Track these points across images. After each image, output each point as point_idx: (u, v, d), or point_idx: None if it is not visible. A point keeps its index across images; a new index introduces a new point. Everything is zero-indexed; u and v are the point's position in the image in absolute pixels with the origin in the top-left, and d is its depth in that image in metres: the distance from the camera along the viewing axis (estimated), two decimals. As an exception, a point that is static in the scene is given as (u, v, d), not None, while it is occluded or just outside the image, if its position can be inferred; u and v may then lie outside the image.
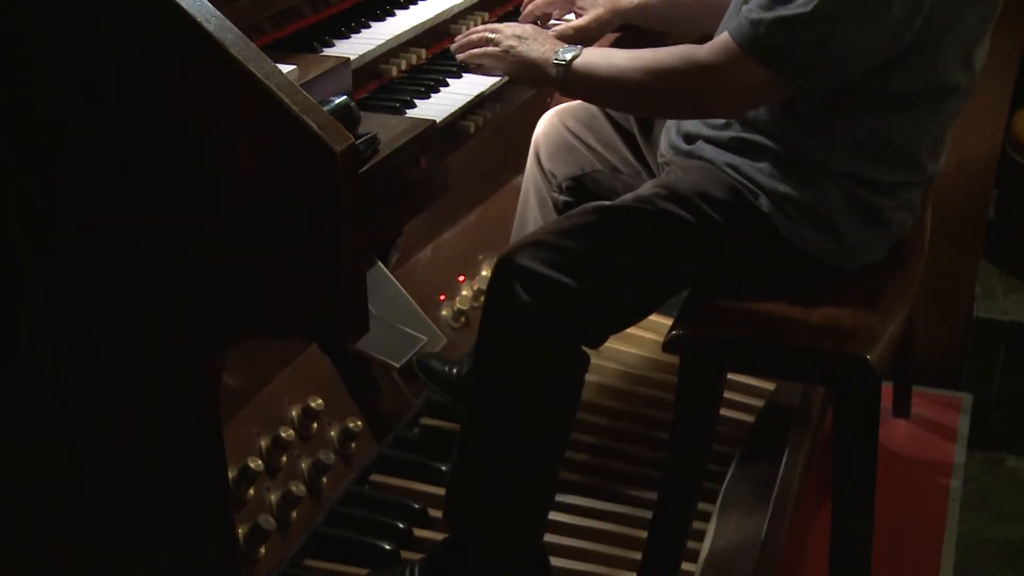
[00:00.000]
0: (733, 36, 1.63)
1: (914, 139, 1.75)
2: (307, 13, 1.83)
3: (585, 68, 1.75)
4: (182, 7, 1.29)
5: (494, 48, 1.82)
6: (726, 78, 1.64)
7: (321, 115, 1.31)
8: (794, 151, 1.74)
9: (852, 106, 1.70)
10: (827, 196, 1.75)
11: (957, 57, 1.69)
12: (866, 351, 1.65)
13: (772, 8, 1.58)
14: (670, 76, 1.69)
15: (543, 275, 1.73)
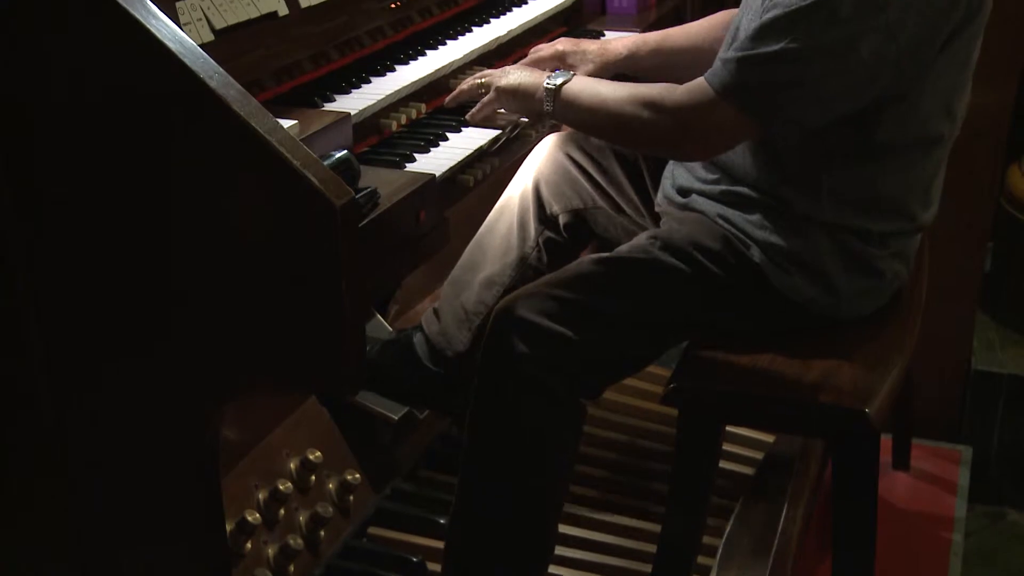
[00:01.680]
0: (706, 77, 1.67)
1: (901, 189, 1.76)
2: (308, 69, 1.85)
3: (573, 94, 1.80)
4: (185, 64, 1.31)
5: (488, 96, 1.88)
6: (698, 117, 1.68)
7: (322, 170, 1.32)
8: (783, 203, 1.76)
9: (837, 158, 1.71)
10: (818, 246, 1.76)
11: (939, 107, 1.71)
12: (865, 404, 1.65)
13: (742, 49, 1.62)
14: (648, 109, 1.73)
15: (540, 326, 1.73)
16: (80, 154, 1.41)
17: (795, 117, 1.65)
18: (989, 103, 2.58)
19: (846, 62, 1.59)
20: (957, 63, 1.69)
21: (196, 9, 1.64)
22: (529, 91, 1.85)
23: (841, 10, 1.56)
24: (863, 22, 1.56)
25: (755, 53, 1.60)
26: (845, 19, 1.56)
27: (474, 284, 2.09)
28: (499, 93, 1.88)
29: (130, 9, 1.31)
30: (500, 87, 1.88)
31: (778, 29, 1.59)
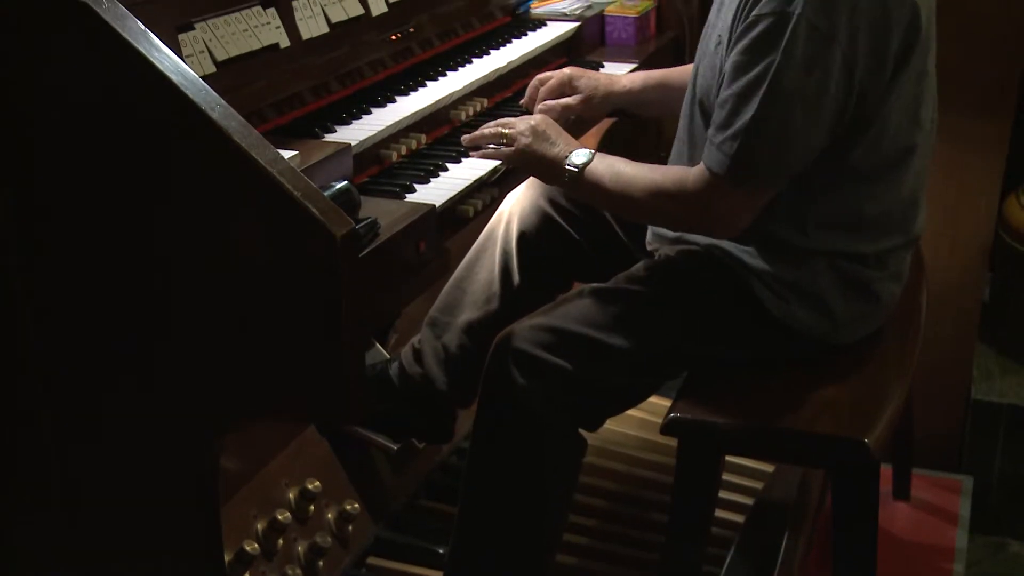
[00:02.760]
0: (708, 164, 1.67)
1: (885, 206, 1.77)
2: (309, 100, 1.86)
3: (594, 176, 1.78)
4: (187, 95, 1.32)
5: (508, 149, 1.84)
6: (715, 205, 1.69)
7: (322, 200, 1.33)
8: (774, 237, 1.76)
9: (817, 187, 1.72)
10: (815, 274, 1.77)
11: (905, 120, 1.72)
12: (864, 434, 1.65)
13: (728, 127, 1.63)
14: (667, 200, 1.74)
15: (539, 358, 1.74)
16: (82, 184, 1.42)
17: (795, 167, 1.67)
18: (986, 134, 2.60)
19: (820, 105, 1.61)
20: (914, 77, 1.70)
21: (198, 41, 1.66)
22: (549, 164, 1.81)
23: (798, 60, 1.57)
24: (821, 61, 1.58)
25: (740, 128, 1.61)
26: (805, 67, 1.58)
27: (455, 326, 2.09)
28: (518, 153, 1.83)
29: (133, 42, 1.32)
30: (522, 149, 1.83)
31: (748, 95, 1.60)
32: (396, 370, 2.12)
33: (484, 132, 1.87)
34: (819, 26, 1.56)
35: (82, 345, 1.49)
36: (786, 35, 1.57)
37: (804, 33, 1.56)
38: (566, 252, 2.09)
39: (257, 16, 1.78)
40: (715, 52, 1.73)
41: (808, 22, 1.56)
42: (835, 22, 1.56)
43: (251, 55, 1.75)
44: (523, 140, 1.83)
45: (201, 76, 1.46)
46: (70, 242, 1.45)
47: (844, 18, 1.57)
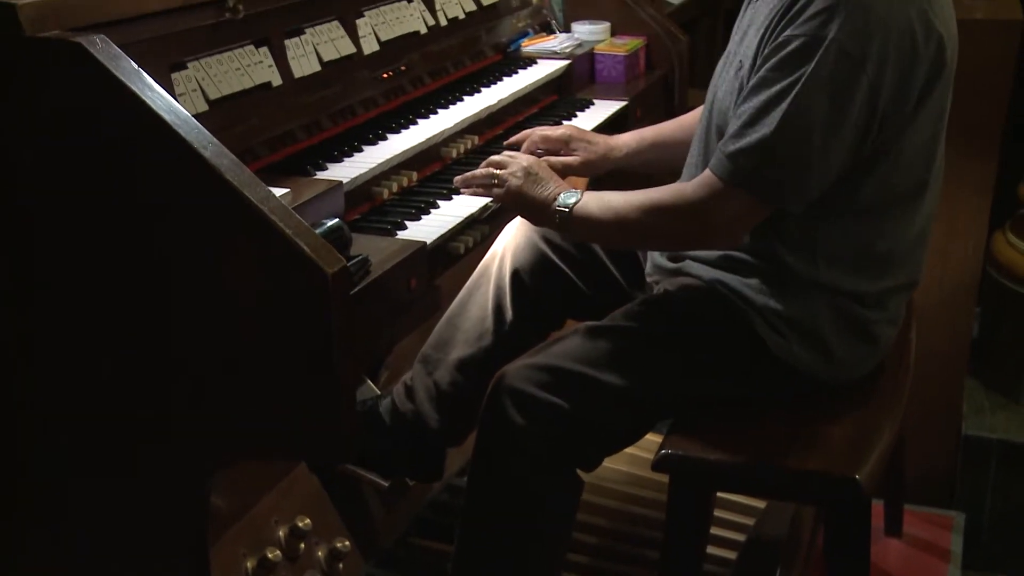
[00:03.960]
0: (714, 171, 1.67)
1: (894, 243, 1.78)
2: (301, 138, 1.87)
3: (585, 212, 1.78)
4: (179, 135, 1.33)
5: (499, 190, 1.85)
6: (715, 211, 1.68)
7: (313, 238, 1.34)
8: (780, 267, 1.77)
9: (829, 217, 1.73)
10: (816, 312, 1.77)
11: (921, 157, 1.74)
12: (855, 470, 1.65)
13: (742, 137, 1.64)
14: (664, 214, 1.73)
15: (535, 397, 1.74)
16: (74, 223, 1.42)
17: (807, 189, 1.67)
18: (973, 170, 2.62)
19: (842, 127, 1.61)
20: (934, 115, 1.72)
21: (191, 80, 1.67)
22: (539, 206, 1.82)
23: (824, 81, 1.59)
24: (847, 85, 1.59)
25: (755, 140, 1.62)
26: (830, 89, 1.59)
27: (447, 363, 2.08)
28: (509, 195, 1.84)
29: (126, 81, 1.33)
30: (512, 190, 1.83)
31: (768, 110, 1.61)
32: (387, 407, 2.12)
33: (476, 173, 1.89)
34: (850, 52, 1.58)
35: (72, 381, 1.49)
36: (816, 56, 1.58)
37: (834, 57, 1.58)
38: (560, 289, 2.09)
39: (250, 55, 1.80)
40: (735, 77, 1.74)
41: (840, 46, 1.57)
42: (866, 50, 1.58)
43: (243, 93, 1.76)
44: (514, 181, 1.83)
45: (194, 114, 1.48)
46: (61, 277, 1.45)
47: (875, 47, 1.58)
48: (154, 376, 1.45)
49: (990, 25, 2.55)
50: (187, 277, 1.38)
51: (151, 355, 1.44)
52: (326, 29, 1.98)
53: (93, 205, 1.40)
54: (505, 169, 1.85)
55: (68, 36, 1.36)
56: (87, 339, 1.47)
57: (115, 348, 1.45)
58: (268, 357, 1.38)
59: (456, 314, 2.12)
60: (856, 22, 1.57)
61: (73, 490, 1.55)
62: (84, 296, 1.45)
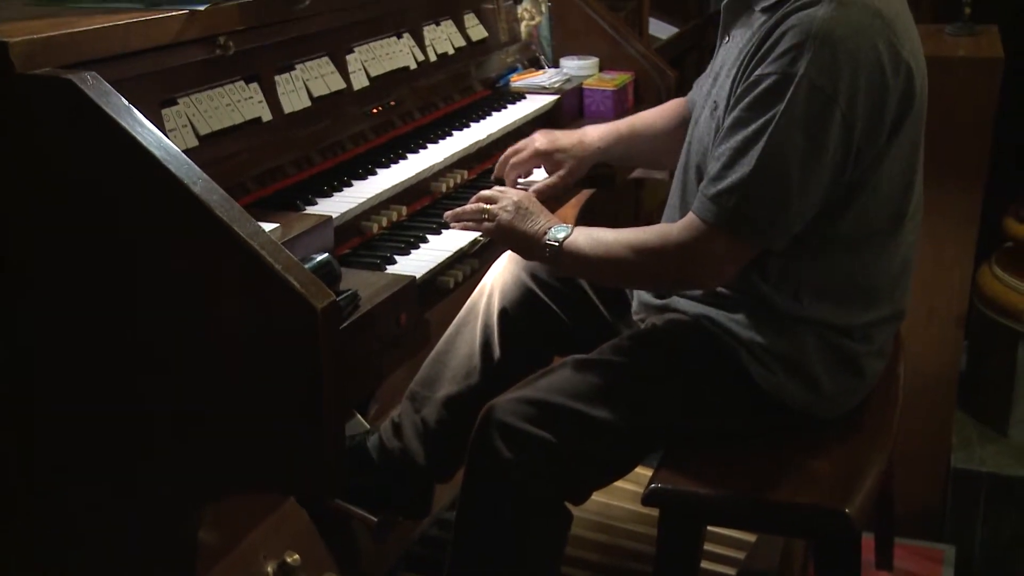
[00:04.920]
0: (697, 214, 1.69)
1: (876, 275, 1.79)
2: (291, 172, 1.88)
3: (574, 248, 1.79)
4: (169, 170, 1.33)
5: (489, 224, 1.86)
6: (701, 253, 1.69)
7: (303, 273, 1.34)
8: (765, 303, 1.77)
9: (810, 251, 1.74)
10: (804, 346, 1.78)
11: (898, 186, 1.75)
12: (844, 504, 1.65)
13: (722, 179, 1.65)
14: (651, 254, 1.74)
15: (523, 431, 1.74)
16: (63, 257, 1.42)
17: (790, 225, 1.68)
18: (958, 203, 2.64)
19: (818, 162, 1.63)
20: (907, 146, 1.73)
21: (182, 115, 1.68)
22: (530, 241, 1.83)
23: (797, 118, 1.60)
24: (822, 120, 1.61)
25: (735, 180, 1.63)
26: (804, 126, 1.60)
27: (435, 400, 2.08)
28: (499, 230, 1.85)
29: (117, 117, 1.34)
30: (503, 224, 1.85)
31: (745, 150, 1.63)
32: (375, 443, 2.11)
33: (466, 208, 1.90)
34: (822, 87, 1.59)
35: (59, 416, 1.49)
36: (788, 94, 1.60)
37: (806, 93, 1.59)
38: (547, 327, 2.09)
39: (240, 91, 1.81)
40: (711, 117, 1.76)
41: (810, 82, 1.59)
42: (837, 85, 1.59)
43: (234, 129, 1.77)
44: (504, 216, 1.85)
45: (184, 150, 1.49)
46: (51, 311, 1.45)
47: (846, 82, 1.60)
48: (141, 409, 1.44)
49: (973, 62, 2.59)
50: (176, 312, 1.39)
51: (138, 389, 1.43)
52: (316, 65, 1.99)
53: (83, 240, 1.40)
54: (495, 204, 1.86)
55: (59, 73, 1.37)
56: (73, 373, 1.46)
57: (102, 382, 1.45)
58: (257, 392, 1.37)
59: (444, 351, 2.12)
60: (825, 57, 1.59)
61: (60, 524, 1.54)
62: (72, 329, 1.45)
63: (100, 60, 1.49)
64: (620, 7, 3.93)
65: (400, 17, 2.26)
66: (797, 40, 1.60)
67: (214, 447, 1.43)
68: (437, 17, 2.39)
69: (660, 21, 4.36)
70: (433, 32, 2.36)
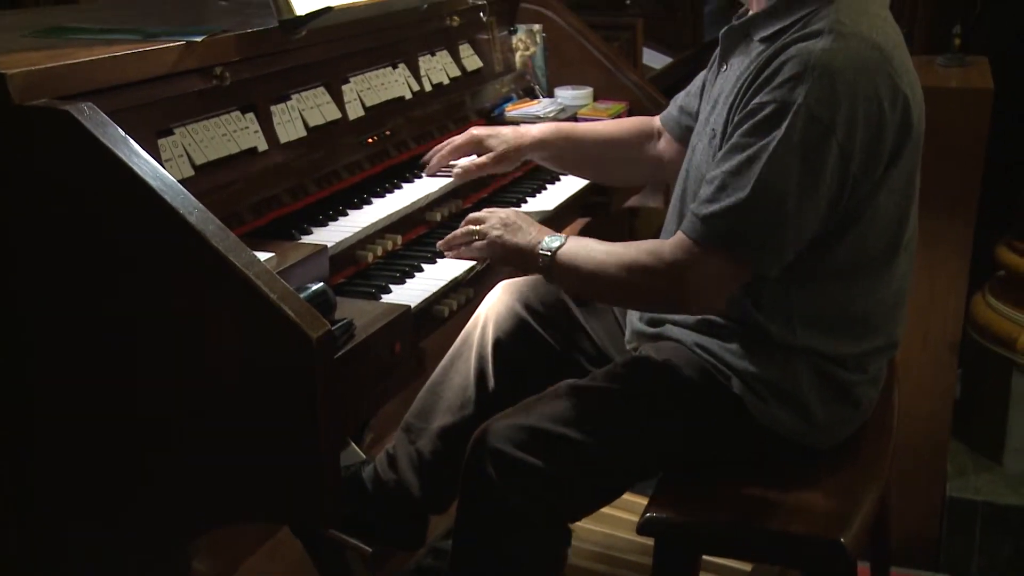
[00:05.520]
0: (688, 234, 1.69)
1: (870, 305, 1.79)
2: (287, 202, 1.89)
3: (568, 259, 1.79)
4: (165, 200, 1.34)
5: (480, 242, 1.87)
6: (691, 273, 1.69)
7: (298, 303, 1.34)
8: (758, 331, 1.78)
9: (803, 280, 1.74)
10: (797, 375, 1.78)
11: (894, 218, 1.75)
12: (839, 533, 1.65)
13: (716, 201, 1.65)
14: (642, 273, 1.74)
15: (514, 457, 1.74)
16: (60, 285, 1.42)
17: (783, 252, 1.68)
18: (951, 232, 2.66)
19: (817, 191, 1.64)
20: (904, 178, 1.74)
21: (178, 146, 1.69)
22: (523, 253, 1.84)
23: (797, 147, 1.61)
24: (819, 149, 1.61)
25: (730, 203, 1.64)
26: (801, 154, 1.61)
27: (430, 431, 2.08)
28: (491, 246, 1.87)
29: (113, 148, 1.35)
30: (494, 241, 1.87)
31: (741, 174, 1.63)
32: (370, 474, 2.11)
33: (456, 233, 1.91)
34: (820, 117, 1.60)
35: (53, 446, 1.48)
36: (786, 121, 1.60)
37: (803, 122, 1.60)
38: (541, 357, 2.09)
39: (236, 121, 1.82)
40: (709, 145, 1.77)
41: (809, 111, 1.60)
42: (835, 115, 1.60)
43: (229, 159, 1.78)
44: (494, 233, 1.86)
45: (180, 179, 1.49)
46: (46, 340, 1.45)
47: (844, 112, 1.61)
48: (135, 439, 1.44)
49: (964, 93, 2.61)
50: (172, 341, 1.39)
51: (132, 418, 1.43)
52: (312, 95, 2.00)
53: (80, 269, 1.41)
54: (484, 224, 1.88)
55: (56, 104, 1.38)
56: (68, 402, 1.46)
57: (96, 412, 1.45)
58: (252, 421, 1.37)
59: (438, 383, 2.13)
60: (824, 88, 1.60)
61: (55, 555, 1.53)
62: (68, 358, 1.45)
63: (98, 91, 1.50)
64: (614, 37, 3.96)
65: (396, 48, 2.27)
66: (796, 70, 1.61)
67: (209, 476, 1.43)
68: (432, 48, 2.41)
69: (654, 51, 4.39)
70: (428, 62, 2.37)
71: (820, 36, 1.63)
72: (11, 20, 2.18)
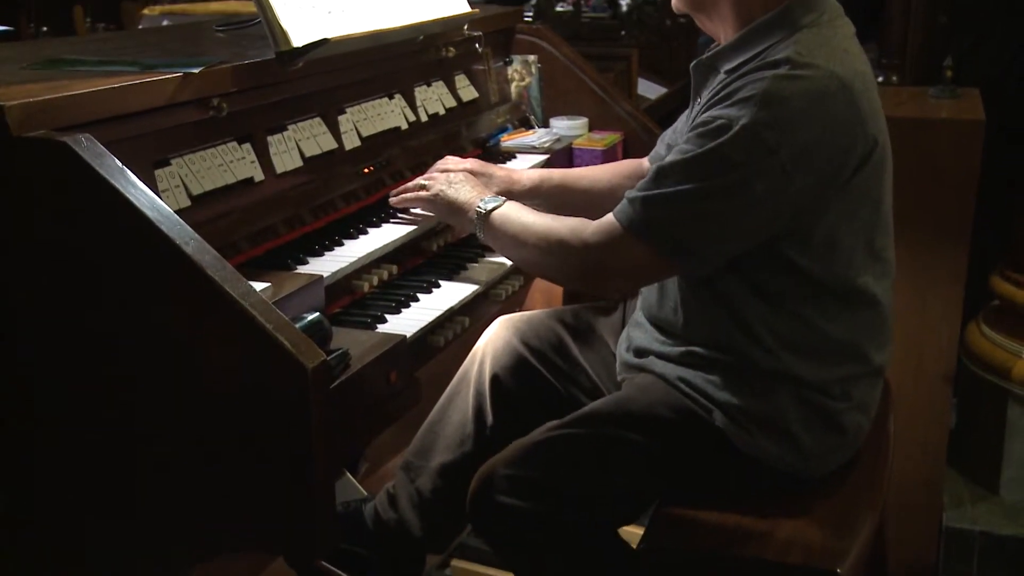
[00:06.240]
0: (615, 215, 1.73)
1: (849, 331, 1.79)
2: (282, 232, 1.89)
3: (499, 221, 1.88)
4: (161, 230, 1.35)
5: (425, 192, 1.98)
6: (610, 256, 1.74)
7: (294, 333, 1.35)
8: (741, 358, 1.78)
9: (779, 304, 1.76)
10: (781, 404, 1.78)
11: (860, 245, 1.77)
12: (836, 564, 1.65)
13: (646, 189, 1.70)
14: (560, 246, 1.79)
15: (508, 506, 1.77)
16: (57, 315, 1.43)
17: (704, 252, 1.71)
18: (945, 262, 2.67)
19: (743, 199, 1.66)
20: (869, 201, 1.76)
21: (175, 176, 1.69)
22: (463, 208, 1.95)
23: (733, 156, 1.64)
24: (755, 164, 1.64)
25: (657, 192, 1.68)
26: (737, 163, 1.64)
27: (429, 469, 2.09)
28: (436, 199, 1.99)
29: (110, 179, 1.35)
30: (439, 193, 1.99)
31: (676, 171, 1.67)
32: (371, 512, 2.11)
33: (407, 185, 2.05)
34: (763, 137, 1.63)
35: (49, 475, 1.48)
36: (727, 135, 1.64)
37: (744, 138, 1.63)
38: (539, 392, 2.10)
39: (232, 151, 1.82)
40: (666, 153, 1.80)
41: (752, 130, 1.63)
42: (780, 137, 1.63)
43: (226, 189, 1.79)
44: (438, 187, 2.00)
45: (176, 210, 1.50)
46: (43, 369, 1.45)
47: (790, 136, 1.63)
48: (131, 467, 1.44)
49: (955, 124, 2.63)
50: (168, 371, 1.39)
51: (127, 446, 1.43)
52: (308, 125, 2.01)
53: (77, 298, 1.41)
54: (432, 180, 2.01)
55: (54, 136, 1.39)
56: (62, 430, 1.46)
57: (90, 441, 1.45)
58: (247, 451, 1.37)
59: (437, 420, 2.13)
60: (772, 112, 1.63)
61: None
62: (63, 386, 1.45)
63: (95, 122, 1.51)
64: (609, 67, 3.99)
65: (392, 78, 2.29)
66: (748, 94, 1.65)
67: (204, 506, 1.42)
68: (428, 78, 2.42)
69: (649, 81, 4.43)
70: (424, 93, 2.39)
71: (777, 66, 1.66)
72: (10, 52, 2.20)
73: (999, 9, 3.49)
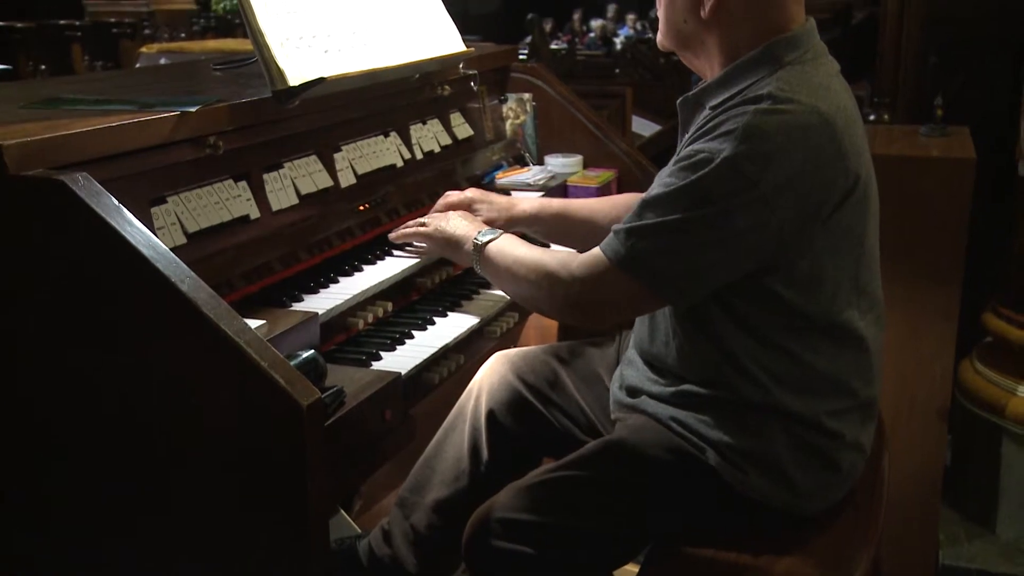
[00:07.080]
0: (602, 248, 1.75)
1: (835, 365, 1.80)
2: (278, 269, 1.89)
3: (493, 254, 1.91)
4: (157, 268, 1.35)
5: (423, 229, 2.03)
6: (596, 288, 1.75)
7: (288, 370, 1.35)
8: (736, 397, 1.78)
9: (764, 338, 1.76)
10: (774, 443, 1.78)
11: (846, 280, 1.77)
12: (831, 603, 1.64)
13: (631, 221, 1.72)
14: (547, 279, 1.81)
15: (503, 549, 1.76)
16: (55, 352, 1.43)
17: (686, 285, 1.72)
18: (938, 301, 2.68)
19: (724, 232, 1.67)
20: (852, 237, 1.76)
21: (171, 214, 1.70)
22: (460, 242, 1.99)
23: (714, 188, 1.65)
24: (736, 197, 1.65)
25: (640, 224, 1.70)
26: (718, 196, 1.65)
27: (424, 505, 2.08)
28: (434, 233, 2.03)
29: (106, 217, 1.36)
30: (437, 228, 2.04)
31: (659, 204, 1.69)
32: (365, 549, 2.10)
33: (407, 224, 2.11)
34: (744, 171, 1.64)
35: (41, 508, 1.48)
36: (708, 168, 1.65)
37: (725, 172, 1.64)
38: (535, 429, 2.10)
39: (228, 189, 1.83)
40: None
41: (733, 163, 1.64)
42: (761, 171, 1.64)
43: (222, 226, 1.79)
44: (435, 223, 2.05)
45: (172, 248, 1.51)
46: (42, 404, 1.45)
47: (770, 170, 1.64)
48: (125, 501, 1.44)
49: (946, 162, 2.65)
50: (162, 408, 1.39)
51: (122, 482, 1.43)
52: (304, 163, 2.03)
53: (74, 336, 1.41)
54: (430, 218, 2.06)
55: (51, 174, 1.40)
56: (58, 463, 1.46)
57: (85, 475, 1.45)
58: (241, 488, 1.37)
59: (432, 456, 2.13)
60: (753, 147, 1.64)
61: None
62: (59, 420, 1.45)
63: (92, 160, 1.52)
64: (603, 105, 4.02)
65: (387, 116, 2.30)
66: (730, 128, 1.66)
67: (197, 542, 1.42)
68: (424, 116, 2.44)
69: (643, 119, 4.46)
70: (419, 130, 2.40)
71: (759, 101, 1.68)
72: (9, 91, 2.21)
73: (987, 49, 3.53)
